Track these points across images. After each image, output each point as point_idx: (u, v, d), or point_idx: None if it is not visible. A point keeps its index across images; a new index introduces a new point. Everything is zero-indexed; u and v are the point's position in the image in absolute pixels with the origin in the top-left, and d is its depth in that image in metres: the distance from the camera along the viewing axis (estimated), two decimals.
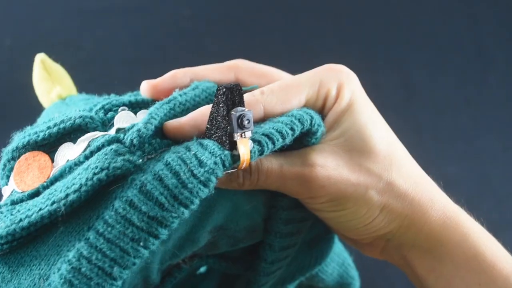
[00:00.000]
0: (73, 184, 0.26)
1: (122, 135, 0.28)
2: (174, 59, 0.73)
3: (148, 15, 0.79)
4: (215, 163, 0.25)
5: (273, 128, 0.27)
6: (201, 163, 0.25)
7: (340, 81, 0.32)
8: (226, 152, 0.25)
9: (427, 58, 0.77)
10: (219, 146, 0.26)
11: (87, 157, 0.27)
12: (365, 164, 0.31)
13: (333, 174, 0.31)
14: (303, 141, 0.31)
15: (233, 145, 0.26)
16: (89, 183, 0.25)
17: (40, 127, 0.30)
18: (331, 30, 0.77)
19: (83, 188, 0.25)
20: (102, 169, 0.25)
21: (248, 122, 0.25)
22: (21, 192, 0.28)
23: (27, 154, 0.29)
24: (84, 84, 0.75)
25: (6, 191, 0.30)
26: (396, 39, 0.78)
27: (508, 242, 0.34)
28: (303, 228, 0.35)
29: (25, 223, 0.26)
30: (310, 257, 0.38)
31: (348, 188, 0.31)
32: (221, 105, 0.25)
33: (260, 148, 0.26)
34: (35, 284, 0.25)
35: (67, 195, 0.25)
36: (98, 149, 0.27)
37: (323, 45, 0.76)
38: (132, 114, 0.30)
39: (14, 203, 0.28)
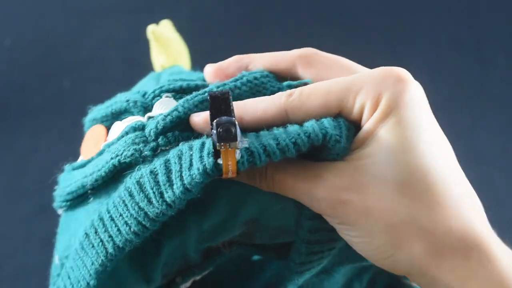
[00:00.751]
0: (100, 163, 0.29)
1: (147, 124, 0.29)
2: None
3: (148, 15, 0.79)
4: (198, 169, 0.24)
5: (275, 139, 0.26)
6: (190, 166, 0.25)
7: (382, 90, 0.27)
8: (210, 160, 0.24)
9: (427, 58, 0.77)
10: (210, 152, 0.25)
11: (118, 140, 0.30)
12: (385, 194, 0.26)
13: (341, 199, 0.27)
14: (323, 154, 0.28)
15: (218, 154, 0.25)
16: (106, 166, 0.28)
17: (103, 105, 0.33)
18: (331, 30, 0.77)
19: (103, 169, 0.28)
20: (116, 156, 0.28)
21: (229, 134, 0.24)
22: (82, 160, 0.32)
23: (94, 126, 0.33)
24: (84, 84, 0.75)
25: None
26: (396, 39, 0.78)
27: (508, 242, 0.34)
28: (337, 236, 0.33)
29: (68, 189, 0.30)
30: (361, 256, 0.37)
31: (356, 217, 0.27)
32: (209, 112, 0.25)
33: (251, 160, 0.25)
34: (69, 240, 0.29)
35: (93, 173, 0.29)
36: (126, 134, 0.29)
37: (323, 45, 0.76)
38: (173, 101, 0.30)
39: (73, 168, 0.32)
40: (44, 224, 0.63)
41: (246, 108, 0.28)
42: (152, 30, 0.43)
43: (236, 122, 0.24)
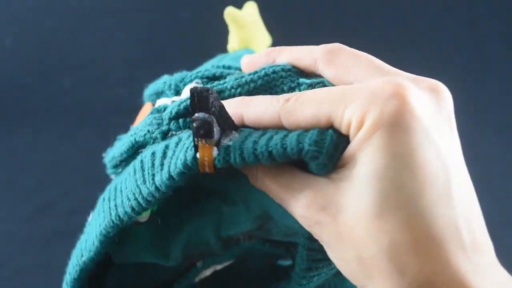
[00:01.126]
0: (127, 139, 0.31)
1: (167, 108, 0.30)
2: (174, 59, 0.73)
3: (148, 15, 0.79)
4: (181, 159, 0.25)
5: (255, 143, 0.25)
6: (179, 155, 0.26)
7: (370, 106, 0.23)
8: (190, 152, 0.25)
9: (427, 57, 0.77)
10: (193, 145, 0.25)
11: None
12: (358, 223, 0.23)
13: (316, 219, 0.25)
14: (307, 166, 0.27)
15: (197, 148, 0.25)
16: (127, 142, 0.30)
17: (153, 83, 0.35)
18: (331, 31, 0.77)
19: (125, 145, 0.30)
20: (134, 134, 0.30)
21: (200, 130, 0.24)
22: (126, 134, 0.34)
23: (146, 103, 0.34)
24: (84, 84, 0.75)
25: None
26: (396, 38, 0.78)
27: (508, 242, 0.34)
28: None
29: (108, 158, 0.33)
30: None
31: (329, 240, 0.25)
32: (190, 107, 0.25)
33: (227, 159, 0.25)
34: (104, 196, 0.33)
35: (120, 146, 0.31)
36: (150, 114, 0.31)
37: None
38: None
39: (120, 139, 0.34)
40: (44, 224, 0.64)
41: (249, 107, 0.27)
42: (228, 12, 0.43)
43: (214, 120, 0.24)
